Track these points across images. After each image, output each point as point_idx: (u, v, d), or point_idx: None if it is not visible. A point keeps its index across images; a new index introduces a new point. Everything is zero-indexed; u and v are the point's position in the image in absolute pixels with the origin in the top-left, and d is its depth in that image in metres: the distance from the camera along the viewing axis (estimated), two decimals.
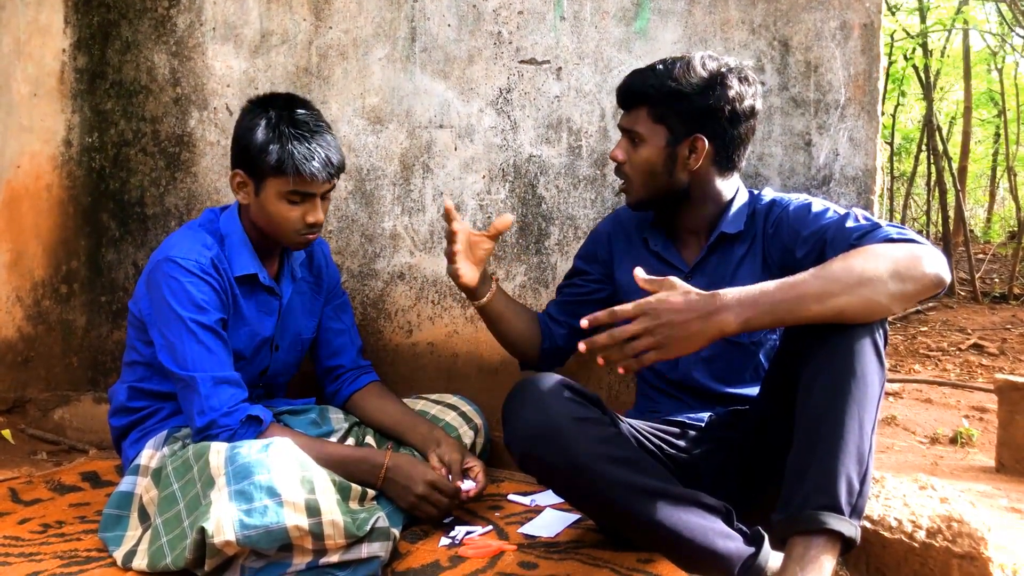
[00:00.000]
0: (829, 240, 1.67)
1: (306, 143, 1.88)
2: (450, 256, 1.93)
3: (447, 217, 1.91)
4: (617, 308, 1.53)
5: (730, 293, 1.50)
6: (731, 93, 1.78)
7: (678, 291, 1.52)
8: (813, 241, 1.71)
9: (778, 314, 1.48)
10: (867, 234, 1.60)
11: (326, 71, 2.58)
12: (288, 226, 1.94)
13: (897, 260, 1.49)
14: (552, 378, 1.65)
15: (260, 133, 1.89)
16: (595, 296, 2.08)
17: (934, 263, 1.51)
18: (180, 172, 2.73)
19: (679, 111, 1.81)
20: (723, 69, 1.80)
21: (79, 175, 2.84)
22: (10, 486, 2.23)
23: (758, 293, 1.50)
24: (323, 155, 1.90)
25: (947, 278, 1.53)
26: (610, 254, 2.07)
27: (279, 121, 1.90)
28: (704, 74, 1.79)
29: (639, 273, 1.56)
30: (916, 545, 1.69)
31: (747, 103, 1.81)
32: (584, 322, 1.54)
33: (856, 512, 1.42)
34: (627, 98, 1.88)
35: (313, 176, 1.89)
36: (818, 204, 1.78)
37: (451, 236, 1.91)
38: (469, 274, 1.95)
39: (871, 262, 1.49)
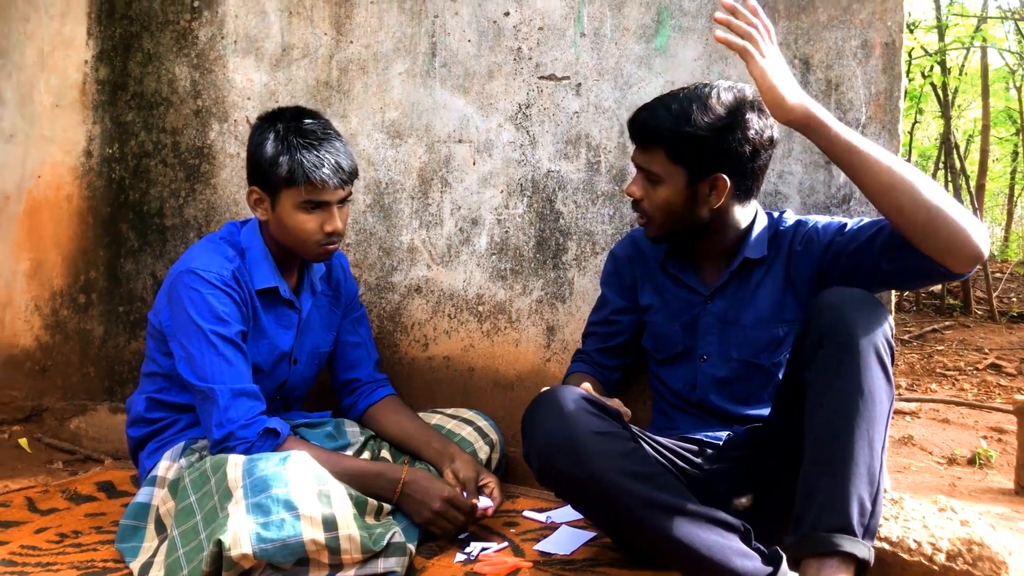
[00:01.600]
0: (856, 229, 1.75)
1: (314, 151, 1.89)
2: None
3: None
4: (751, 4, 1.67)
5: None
6: (751, 132, 1.74)
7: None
8: (849, 234, 1.76)
9: (826, 134, 1.62)
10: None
11: (346, 85, 2.59)
12: (307, 237, 1.94)
13: (960, 209, 1.56)
14: (572, 391, 1.64)
15: (269, 146, 1.90)
16: (630, 333, 2.10)
17: (982, 235, 1.56)
18: (199, 184, 2.74)
19: (698, 153, 1.76)
20: (741, 104, 1.75)
21: (99, 186, 2.86)
22: (27, 495, 2.24)
23: (838, 123, 1.62)
24: (332, 161, 1.90)
25: (984, 254, 1.57)
26: (633, 278, 2.07)
27: (287, 132, 1.91)
28: (721, 112, 1.73)
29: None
30: (936, 568, 1.67)
31: (766, 136, 1.77)
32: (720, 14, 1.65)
33: (869, 533, 1.41)
34: (641, 137, 1.82)
35: (324, 183, 1.89)
36: (851, 222, 1.80)
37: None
38: None
39: (938, 190, 1.56)
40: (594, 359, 2.12)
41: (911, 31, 6.87)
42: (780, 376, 1.89)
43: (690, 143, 1.75)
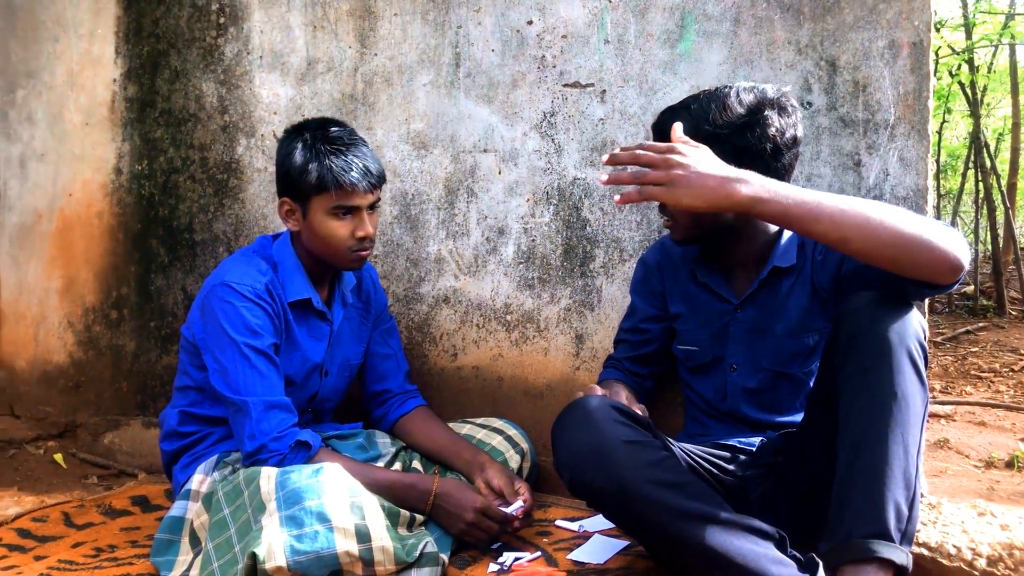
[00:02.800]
0: None
1: (342, 156, 1.92)
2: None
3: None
4: (644, 143, 1.58)
5: (758, 175, 1.52)
6: (771, 131, 1.72)
7: (710, 151, 1.57)
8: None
9: (791, 213, 1.49)
10: None
11: (371, 97, 2.60)
12: (340, 244, 1.96)
13: (924, 224, 1.47)
14: (602, 401, 1.63)
15: (298, 155, 1.93)
16: (661, 342, 2.09)
17: (958, 247, 1.46)
18: (228, 199, 2.76)
19: (720, 152, 1.70)
20: (761, 103, 1.73)
21: (129, 202, 2.89)
22: (63, 510, 2.26)
23: (784, 187, 1.50)
24: (361, 165, 1.93)
25: (964, 263, 1.47)
26: (663, 285, 2.06)
27: (314, 141, 1.94)
28: (742, 111, 1.72)
29: (677, 129, 1.60)
30: (976, 574, 1.64)
31: (788, 135, 1.75)
32: (605, 157, 1.58)
33: (906, 538, 1.39)
34: (664, 138, 1.79)
35: (353, 186, 1.92)
36: None
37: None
38: None
39: (899, 214, 1.48)
40: (625, 366, 2.11)
41: (938, 30, 6.80)
42: (811, 384, 1.86)
43: (710, 143, 1.71)
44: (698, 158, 1.53)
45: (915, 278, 1.49)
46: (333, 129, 1.97)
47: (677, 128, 1.59)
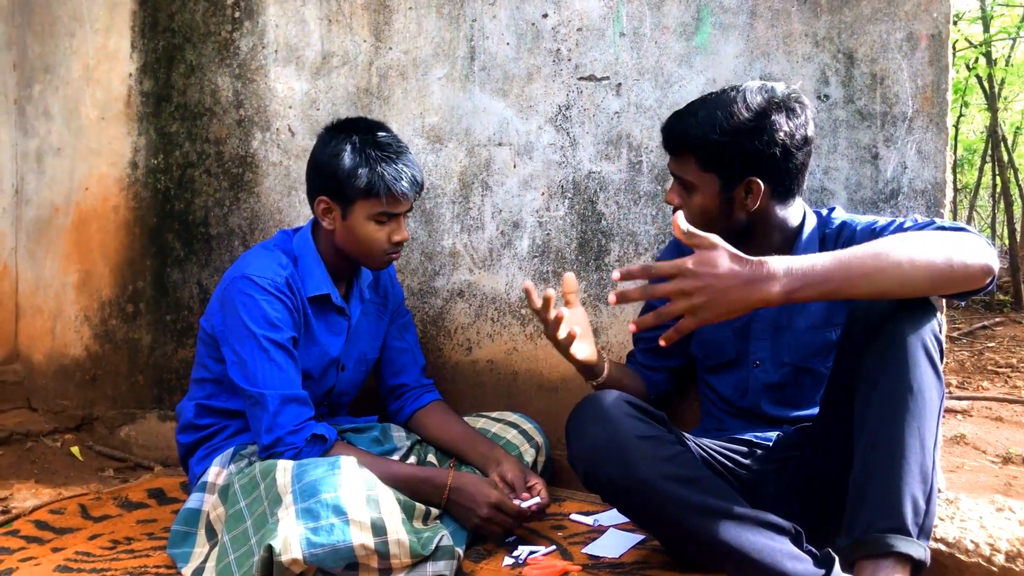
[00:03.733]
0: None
1: (393, 164, 1.94)
2: (566, 343, 1.76)
3: (538, 304, 1.74)
4: (653, 264, 1.47)
5: (778, 261, 1.43)
6: (780, 135, 1.69)
7: (720, 251, 1.43)
8: None
9: (825, 290, 1.43)
10: (922, 229, 1.59)
11: (386, 91, 2.60)
12: (376, 247, 1.98)
13: (946, 244, 1.46)
14: (616, 396, 1.63)
15: (347, 158, 1.93)
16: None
17: (983, 253, 1.48)
18: (243, 193, 2.77)
19: (727, 159, 1.72)
20: (769, 106, 1.70)
21: (145, 196, 2.90)
22: (80, 502, 2.28)
23: (808, 267, 1.43)
24: (410, 175, 1.96)
25: (994, 269, 1.49)
26: None
27: (364, 145, 1.95)
28: (748, 116, 1.69)
29: (679, 220, 1.46)
30: (995, 569, 1.63)
31: (798, 136, 1.72)
32: (616, 274, 1.48)
33: (924, 532, 1.38)
34: (671, 146, 1.80)
35: (404, 196, 1.95)
36: (883, 220, 1.75)
37: (555, 323, 1.73)
38: (589, 350, 1.87)
39: (922, 244, 1.46)
40: (639, 360, 2.11)
41: (955, 23, 6.75)
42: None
43: (718, 150, 1.71)
44: (712, 270, 1.42)
45: (952, 294, 1.52)
46: (381, 134, 1.98)
47: (679, 221, 1.47)
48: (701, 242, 1.45)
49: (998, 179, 7.22)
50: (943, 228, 1.55)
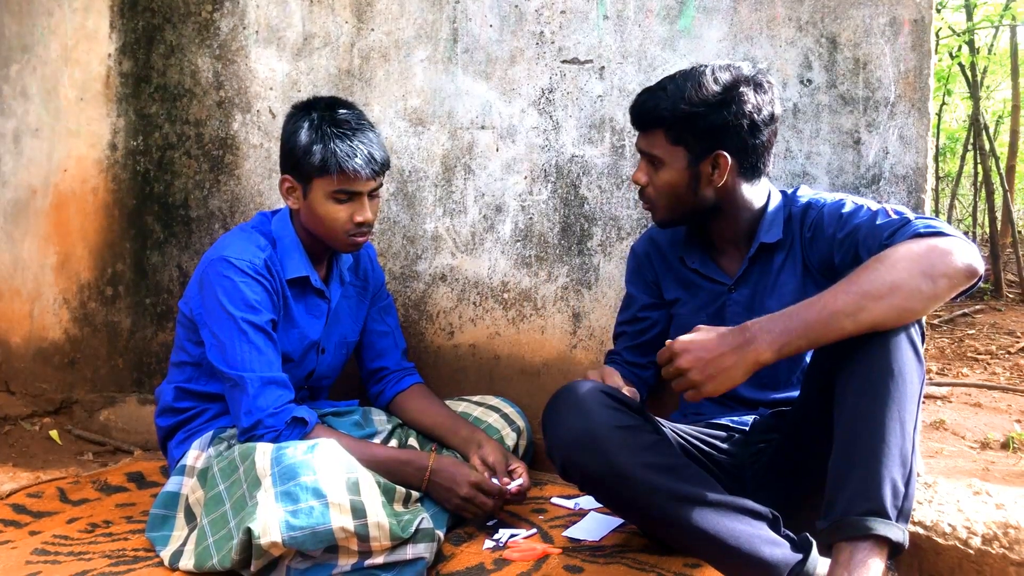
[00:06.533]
0: (861, 240, 1.65)
1: (348, 141, 1.89)
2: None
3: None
4: (660, 352, 1.56)
5: (759, 322, 1.49)
6: (747, 107, 1.73)
7: (700, 330, 1.54)
8: (848, 244, 1.70)
9: (812, 336, 1.46)
10: (898, 231, 1.57)
11: (368, 73, 2.58)
12: (337, 227, 1.95)
13: (925, 259, 1.46)
14: (592, 386, 1.63)
15: (303, 135, 1.91)
16: (661, 326, 2.07)
17: (964, 255, 1.48)
18: (224, 175, 2.75)
19: (696, 131, 1.75)
20: (737, 80, 1.74)
21: (124, 178, 2.87)
22: (58, 486, 2.26)
23: (788, 318, 1.47)
24: (365, 152, 1.91)
25: (979, 268, 1.49)
26: (655, 274, 2.05)
27: (321, 122, 1.91)
28: (717, 89, 1.73)
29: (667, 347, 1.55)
30: (971, 552, 1.65)
31: (765, 112, 1.76)
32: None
33: (903, 515, 1.39)
34: (641, 121, 1.83)
35: (356, 173, 1.90)
36: (850, 203, 1.75)
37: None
38: None
39: (900, 266, 1.46)
40: (624, 358, 2.09)
41: (939, 11, 6.76)
42: (807, 360, 1.86)
43: (687, 122, 1.74)
44: (700, 344, 1.51)
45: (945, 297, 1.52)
46: (341, 111, 1.95)
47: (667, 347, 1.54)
48: (695, 332, 1.55)
49: (979, 168, 7.25)
50: (919, 234, 1.52)
